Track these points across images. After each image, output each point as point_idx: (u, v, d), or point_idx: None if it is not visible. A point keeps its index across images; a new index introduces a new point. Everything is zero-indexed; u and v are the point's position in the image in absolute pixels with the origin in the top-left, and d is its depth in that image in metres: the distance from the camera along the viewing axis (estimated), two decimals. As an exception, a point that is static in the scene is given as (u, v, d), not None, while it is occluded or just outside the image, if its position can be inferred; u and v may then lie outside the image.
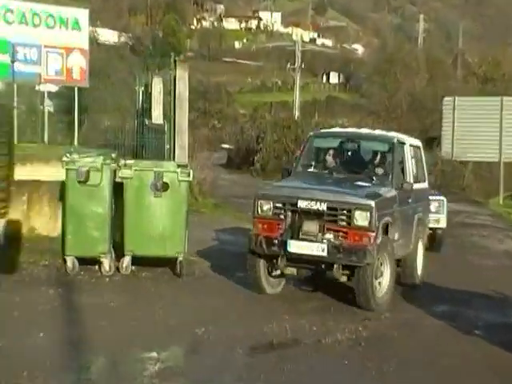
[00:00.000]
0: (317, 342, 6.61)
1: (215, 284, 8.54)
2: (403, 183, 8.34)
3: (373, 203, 7.49)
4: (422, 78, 41.69)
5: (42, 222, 9.49)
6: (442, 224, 11.85)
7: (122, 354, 5.84)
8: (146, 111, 14.90)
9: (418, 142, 9.76)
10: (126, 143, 14.72)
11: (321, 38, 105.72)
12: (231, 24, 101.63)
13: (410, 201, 8.66)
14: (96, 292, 7.71)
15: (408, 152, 8.87)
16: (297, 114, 45.22)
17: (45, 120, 14.00)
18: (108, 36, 58.24)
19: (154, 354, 5.84)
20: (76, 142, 13.87)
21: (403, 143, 8.92)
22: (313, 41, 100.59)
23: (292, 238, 7.56)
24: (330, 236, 7.49)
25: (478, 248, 13.05)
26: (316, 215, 7.54)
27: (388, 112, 34.04)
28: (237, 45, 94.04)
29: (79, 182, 8.34)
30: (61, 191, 8.92)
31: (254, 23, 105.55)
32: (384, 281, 7.88)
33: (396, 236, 8.10)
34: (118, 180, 8.58)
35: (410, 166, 8.86)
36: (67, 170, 8.41)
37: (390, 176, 8.39)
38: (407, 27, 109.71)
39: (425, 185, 9.70)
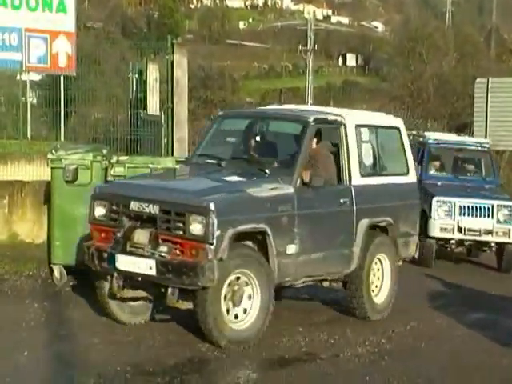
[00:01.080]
0: (334, 357, 6.62)
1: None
2: (312, 178, 7.09)
3: (211, 205, 6.20)
4: (450, 58, 41.56)
5: (26, 227, 9.54)
6: None
7: (119, 376, 5.86)
8: (141, 101, 14.93)
9: (384, 121, 8.60)
10: (119, 137, 14.75)
11: (336, 16, 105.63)
12: (235, 2, 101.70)
13: (341, 201, 7.49)
14: (87, 305, 7.70)
15: (353, 135, 7.72)
16: (310, 101, 45.17)
17: (27, 113, 14.06)
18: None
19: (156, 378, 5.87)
20: (62, 137, 13.92)
21: (332, 123, 7.68)
22: (327, 19, 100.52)
23: (122, 250, 6.52)
24: (163, 249, 6.36)
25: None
26: (149, 221, 6.50)
27: (413, 97, 33.94)
28: (242, 25, 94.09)
29: (67, 181, 8.37)
30: (46, 192, 8.96)
31: (260, 0, 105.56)
32: (252, 311, 6.68)
33: (292, 249, 6.91)
34: (109, 179, 8.60)
35: (356, 153, 7.71)
36: (53, 168, 8.45)
37: (293, 168, 7.13)
38: (434, 0, 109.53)
39: (402, 179, 8.42)
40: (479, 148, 12.78)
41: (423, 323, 7.91)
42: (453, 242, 11.43)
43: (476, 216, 11.25)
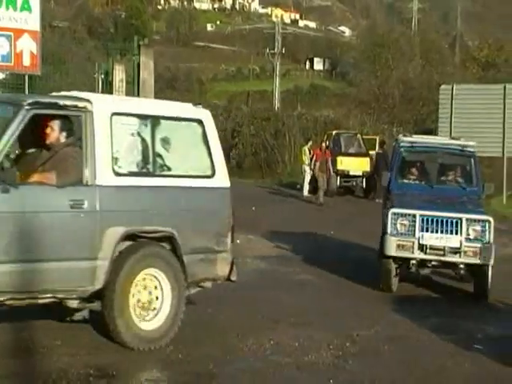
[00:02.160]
0: (299, 360, 6.63)
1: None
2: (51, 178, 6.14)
3: None
4: (416, 64, 42.08)
5: None
6: (487, 259, 9.34)
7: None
8: (106, 102, 14.81)
9: (176, 112, 7.03)
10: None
11: (303, 20, 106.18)
12: (203, 4, 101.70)
13: (72, 204, 6.14)
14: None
15: (103, 125, 6.38)
16: (277, 104, 45.35)
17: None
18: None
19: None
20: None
21: (66, 109, 6.35)
22: (295, 22, 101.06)
23: None
24: None
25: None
26: None
27: (379, 102, 34.29)
28: (209, 27, 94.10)
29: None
30: None
31: (228, 3, 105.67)
32: None
33: None
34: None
35: (106, 147, 6.37)
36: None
37: None
38: (400, 7, 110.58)
39: (201, 182, 6.94)
40: (461, 152, 10.73)
41: (387, 327, 7.96)
42: (413, 262, 9.50)
43: (441, 232, 9.36)
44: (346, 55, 73.24)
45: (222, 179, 7.08)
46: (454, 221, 9.33)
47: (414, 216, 9.39)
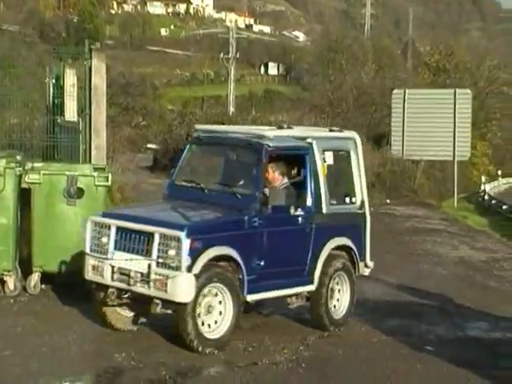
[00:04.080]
0: (252, 365, 6.64)
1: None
2: None
3: None
4: (369, 69, 42.54)
5: None
6: (174, 294, 6.64)
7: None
8: (58, 107, 14.66)
9: None
10: (35, 144, 14.43)
11: (258, 25, 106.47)
12: (157, 8, 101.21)
13: None
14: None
15: None
16: (232, 109, 45.36)
17: None
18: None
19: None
20: (-25, 143, 13.51)
21: None
22: (249, 27, 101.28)
23: None
24: None
25: (430, 256, 13.35)
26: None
27: (332, 107, 34.51)
28: (163, 32, 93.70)
29: (-22, 188, 8.05)
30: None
31: (182, 7, 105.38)
32: None
33: None
34: (24, 186, 8.41)
35: None
36: (-39, 175, 8.11)
37: None
38: (353, 12, 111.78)
39: None
40: (250, 147, 7.64)
41: (340, 330, 8.01)
42: (112, 290, 6.99)
43: (132, 251, 6.94)
44: (300, 60, 73.73)
45: None
46: (145, 236, 6.85)
47: (109, 227, 7.09)
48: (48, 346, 6.71)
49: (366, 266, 8.45)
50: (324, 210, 7.87)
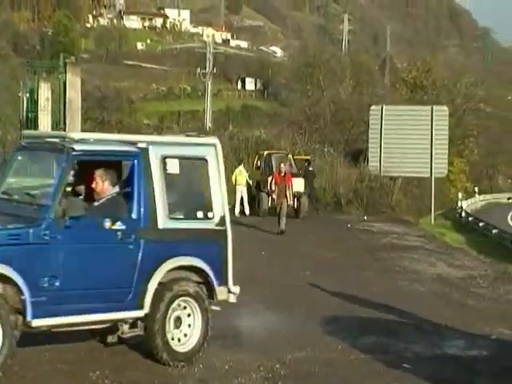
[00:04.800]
0: (228, 384, 6.61)
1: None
2: None
3: None
4: (347, 85, 42.85)
5: None
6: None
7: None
8: (32, 121, 14.62)
9: None
10: (8, 158, 14.35)
11: (235, 40, 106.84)
12: (133, 22, 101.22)
13: None
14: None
15: None
16: (209, 124, 45.41)
17: None
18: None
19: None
20: None
21: None
22: (226, 42, 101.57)
23: None
24: None
25: (407, 273, 13.42)
26: None
27: (310, 122, 34.70)
28: (139, 46, 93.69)
29: None
30: None
31: (159, 22, 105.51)
32: None
33: None
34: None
35: None
36: None
37: None
38: (331, 28, 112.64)
39: None
40: (56, 149, 6.86)
41: (318, 349, 7.99)
42: None
43: None
44: (278, 75, 74.05)
45: None
46: None
47: None
48: (19, 364, 6.62)
49: (230, 291, 7.32)
50: (160, 226, 6.83)
